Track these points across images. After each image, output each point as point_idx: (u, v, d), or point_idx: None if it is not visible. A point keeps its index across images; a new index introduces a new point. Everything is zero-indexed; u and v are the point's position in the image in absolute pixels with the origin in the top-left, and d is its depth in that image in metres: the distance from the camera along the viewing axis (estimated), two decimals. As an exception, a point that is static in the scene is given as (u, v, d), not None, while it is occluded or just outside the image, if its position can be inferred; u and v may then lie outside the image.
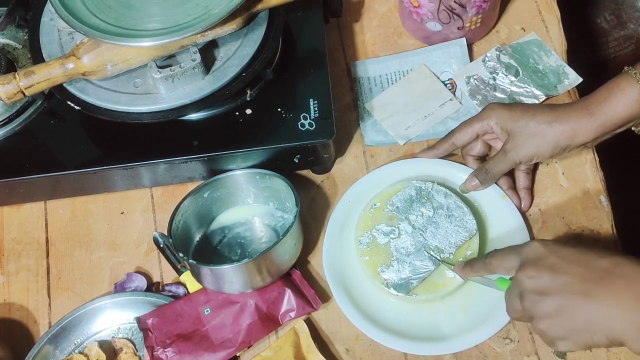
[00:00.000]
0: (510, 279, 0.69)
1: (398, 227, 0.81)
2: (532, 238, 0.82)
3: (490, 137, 0.84)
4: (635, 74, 0.75)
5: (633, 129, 0.79)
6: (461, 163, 0.87)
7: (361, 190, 0.86)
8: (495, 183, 0.84)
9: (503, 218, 0.83)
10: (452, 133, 0.85)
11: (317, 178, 0.88)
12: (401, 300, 0.79)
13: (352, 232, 0.83)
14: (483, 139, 0.85)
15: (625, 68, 0.76)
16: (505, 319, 0.76)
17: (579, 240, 0.81)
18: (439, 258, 0.79)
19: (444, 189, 0.83)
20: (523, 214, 0.83)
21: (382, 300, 0.80)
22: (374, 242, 0.81)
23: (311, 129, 0.80)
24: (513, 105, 0.82)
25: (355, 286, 0.81)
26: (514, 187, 0.85)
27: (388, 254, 0.80)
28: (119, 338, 0.80)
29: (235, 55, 0.80)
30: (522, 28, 0.96)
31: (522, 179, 0.84)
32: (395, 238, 0.81)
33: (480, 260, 0.74)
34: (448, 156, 0.87)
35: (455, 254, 0.79)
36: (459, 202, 0.82)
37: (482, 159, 0.86)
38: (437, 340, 0.77)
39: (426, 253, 0.80)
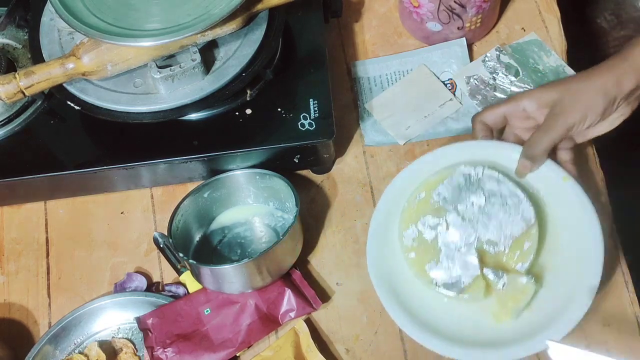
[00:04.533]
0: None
1: (446, 220, 0.73)
2: (601, 226, 0.72)
3: (520, 124, 0.78)
4: None
5: None
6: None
7: (403, 185, 0.78)
8: (554, 162, 0.75)
9: (565, 203, 0.74)
10: (478, 113, 0.79)
11: (317, 178, 0.88)
12: (453, 301, 0.73)
13: (395, 229, 0.77)
14: (512, 126, 0.78)
15: None
16: (577, 317, 0.69)
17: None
18: (501, 273, 0.71)
19: (496, 174, 0.74)
20: (589, 197, 0.73)
21: (432, 302, 0.73)
22: (419, 237, 0.74)
23: (311, 129, 0.80)
24: (543, 84, 0.78)
25: (403, 288, 0.74)
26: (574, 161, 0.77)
27: (435, 249, 0.73)
28: (119, 338, 0.80)
29: (235, 55, 0.80)
30: (522, 28, 0.96)
31: (564, 155, 0.77)
32: (443, 232, 0.73)
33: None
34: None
35: (512, 247, 0.71)
36: (514, 188, 0.73)
37: None
38: (495, 346, 0.70)
39: (477, 248, 0.72)
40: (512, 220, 0.72)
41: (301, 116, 0.81)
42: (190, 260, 0.76)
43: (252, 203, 0.85)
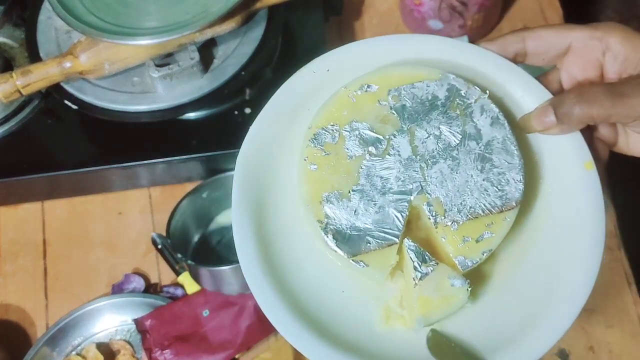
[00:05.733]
0: None
1: (389, 140, 0.49)
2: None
3: (578, 65, 0.54)
4: None
5: None
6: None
7: (348, 63, 0.53)
8: (583, 137, 0.51)
9: (573, 196, 0.50)
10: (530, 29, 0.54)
11: (317, 178, 0.88)
12: (340, 269, 0.49)
13: (305, 121, 0.51)
14: (564, 66, 0.54)
15: None
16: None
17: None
18: (429, 257, 0.47)
19: (496, 109, 0.51)
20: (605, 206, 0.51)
21: (309, 259, 0.49)
22: (337, 145, 0.49)
23: (311, 128, 0.79)
24: None
25: (275, 221, 0.50)
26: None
27: (351, 176, 0.48)
28: (117, 340, 0.80)
29: (234, 54, 0.79)
30: (524, 26, 0.95)
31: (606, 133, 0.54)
32: (375, 156, 0.49)
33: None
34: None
35: (464, 227, 0.48)
36: (512, 141, 0.50)
37: None
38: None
39: (413, 204, 0.48)
40: (485, 189, 0.49)
41: (301, 115, 0.80)
42: (189, 261, 0.75)
43: (252, 203, 0.85)
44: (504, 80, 0.53)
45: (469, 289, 0.47)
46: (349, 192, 0.48)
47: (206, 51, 0.79)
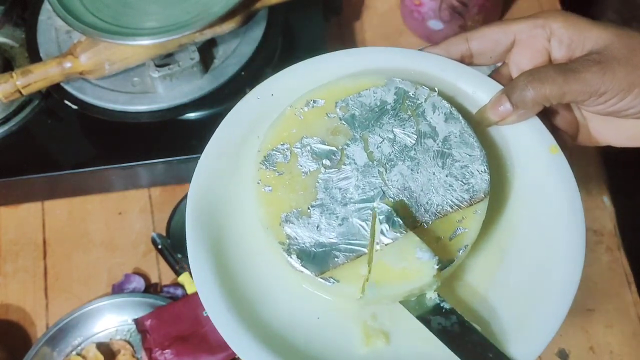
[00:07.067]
0: None
1: (343, 150, 0.47)
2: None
3: (526, 55, 0.52)
4: None
5: None
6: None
7: (293, 83, 0.52)
8: (542, 122, 0.50)
9: (544, 181, 0.48)
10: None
11: (317, 178, 0.88)
12: (310, 291, 0.46)
13: (255, 143, 0.49)
14: (512, 60, 0.53)
15: None
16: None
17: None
18: (400, 223, 0.44)
19: (447, 104, 0.49)
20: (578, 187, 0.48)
21: (277, 284, 0.46)
22: (289, 164, 0.47)
23: (311, 128, 0.79)
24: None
25: (235, 248, 0.47)
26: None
27: (308, 192, 0.46)
28: (117, 340, 0.80)
29: (235, 54, 0.79)
30: (524, 26, 0.95)
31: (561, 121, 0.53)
32: (330, 168, 0.47)
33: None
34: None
35: (433, 226, 0.45)
36: (470, 133, 0.48)
37: None
38: None
39: (379, 209, 0.45)
40: (450, 184, 0.46)
41: (301, 115, 0.80)
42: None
43: (252, 203, 0.85)
44: (453, 79, 0.52)
45: (437, 267, 0.43)
46: (308, 208, 0.45)
47: (206, 51, 0.79)
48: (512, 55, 0.52)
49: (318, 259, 0.44)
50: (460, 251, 0.45)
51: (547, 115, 0.51)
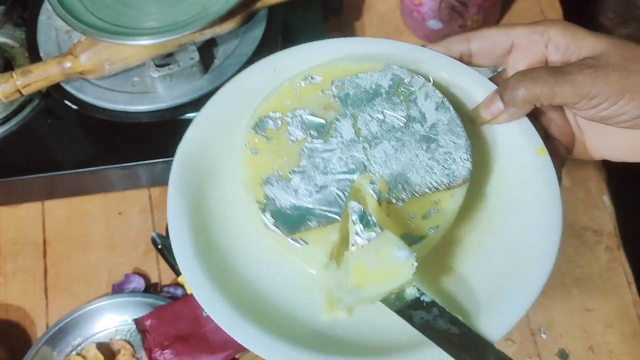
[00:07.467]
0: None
1: (332, 124, 0.49)
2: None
3: (523, 58, 0.53)
4: None
5: None
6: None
7: (291, 62, 0.55)
8: (531, 123, 0.51)
9: (525, 181, 0.50)
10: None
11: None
12: (285, 251, 0.47)
13: (249, 109, 0.51)
14: (511, 63, 0.54)
15: None
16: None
17: (581, 241, 0.81)
18: (373, 221, 0.44)
19: (440, 94, 0.51)
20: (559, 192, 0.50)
21: (250, 243, 0.48)
22: (279, 131, 0.49)
23: (311, 128, 0.79)
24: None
25: (215, 207, 0.49)
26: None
27: (293, 158, 0.48)
28: (117, 340, 0.80)
29: (234, 54, 0.79)
30: (524, 26, 0.95)
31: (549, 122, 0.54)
32: (318, 139, 0.49)
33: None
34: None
35: (408, 204, 0.46)
36: (458, 123, 0.50)
37: None
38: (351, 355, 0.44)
39: (355, 183, 0.47)
40: (431, 167, 0.48)
41: (301, 115, 0.80)
42: (189, 261, 0.75)
43: (252, 203, 0.85)
44: (451, 75, 0.54)
45: (415, 264, 0.42)
46: (290, 173, 0.47)
47: (206, 51, 0.79)
48: (510, 59, 0.54)
49: (291, 221, 0.45)
50: (432, 230, 0.46)
51: (542, 125, 0.53)
